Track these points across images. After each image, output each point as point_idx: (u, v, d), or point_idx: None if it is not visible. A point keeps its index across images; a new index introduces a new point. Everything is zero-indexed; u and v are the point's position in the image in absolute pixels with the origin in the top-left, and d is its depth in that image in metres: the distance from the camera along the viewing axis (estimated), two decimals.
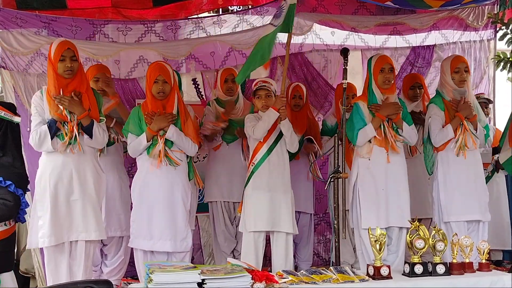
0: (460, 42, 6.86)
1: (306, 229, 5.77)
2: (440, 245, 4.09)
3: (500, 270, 4.76)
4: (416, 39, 6.77)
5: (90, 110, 4.47)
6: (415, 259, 4.07)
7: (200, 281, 3.54)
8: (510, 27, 5.60)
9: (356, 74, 6.58)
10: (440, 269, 4.06)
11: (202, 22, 6.03)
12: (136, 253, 4.78)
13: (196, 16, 6.16)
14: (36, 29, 5.40)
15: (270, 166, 4.83)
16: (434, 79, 6.71)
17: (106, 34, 5.68)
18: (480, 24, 6.79)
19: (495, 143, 6.03)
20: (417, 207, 5.24)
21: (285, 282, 3.78)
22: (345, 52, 4.86)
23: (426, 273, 4.05)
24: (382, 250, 4.02)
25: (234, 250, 5.62)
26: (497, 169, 6.05)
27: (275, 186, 4.83)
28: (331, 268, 4.06)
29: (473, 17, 6.75)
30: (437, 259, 4.09)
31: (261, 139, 4.85)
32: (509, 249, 5.96)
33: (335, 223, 4.65)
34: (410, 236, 4.12)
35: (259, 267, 4.72)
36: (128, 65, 5.85)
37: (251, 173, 4.86)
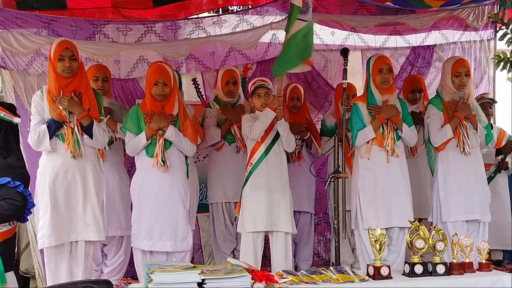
0: (460, 42, 6.86)
1: (306, 229, 5.76)
2: (440, 245, 4.08)
3: (500, 270, 4.76)
4: (416, 39, 6.77)
5: (90, 110, 4.47)
6: (415, 259, 4.07)
7: (200, 281, 3.54)
8: (510, 27, 5.59)
9: (356, 74, 6.57)
10: (440, 269, 4.06)
11: (202, 22, 6.02)
12: (135, 253, 4.78)
13: (196, 16, 6.16)
14: (36, 29, 5.40)
15: (268, 166, 4.82)
16: (434, 79, 6.72)
17: (106, 34, 5.68)
18: (480, 24, 6.79)
19: (499, 144, 6.04)
20: (418, 207, 5.23)
21: (285, 282, 3.78)
22: (345, 52, 4.85)
23: (426, 273, 4.04)
24: (382, 250, 4.01)
25: (234, 250, 5.61)
26: (499, 170, 6.06)
27: (273, 186, 4.82)
28: (331, 268, 4.06)
29: (473, 17, 6.75)
30: (437, 259, 4.09)
31: (259, 139, 4.84)
32: (510, 249, 5.96)
33: (335, 223, 4.65)
34: (410, 236, 4.11)
35: (258, 267, 4.70)
36: (128, 65, 5.85)
37: (249, 173, 4.85)
